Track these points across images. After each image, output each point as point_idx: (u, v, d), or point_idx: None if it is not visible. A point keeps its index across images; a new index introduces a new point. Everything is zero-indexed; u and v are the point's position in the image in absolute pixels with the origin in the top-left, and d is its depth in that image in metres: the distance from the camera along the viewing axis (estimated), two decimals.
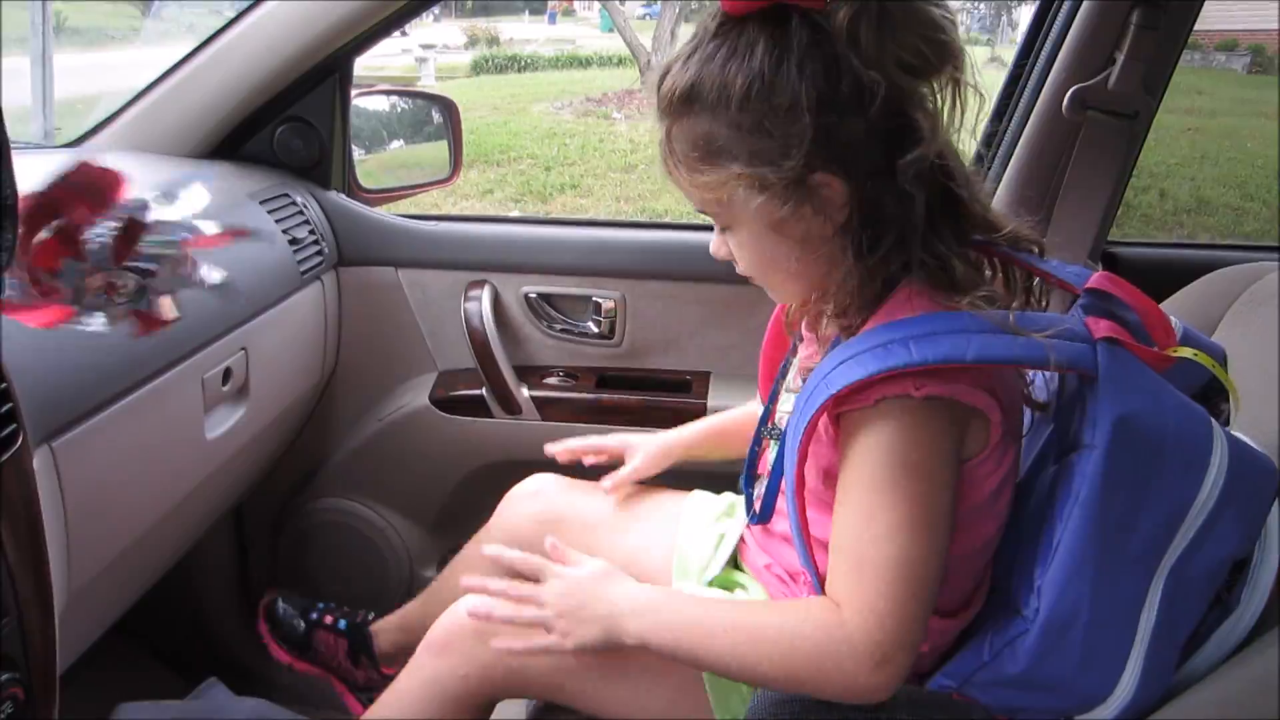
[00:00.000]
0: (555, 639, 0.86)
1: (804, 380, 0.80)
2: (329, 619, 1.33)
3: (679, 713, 0.90)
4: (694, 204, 0.82)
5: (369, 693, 1.32)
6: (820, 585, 0.78)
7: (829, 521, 0.77)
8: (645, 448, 1.14)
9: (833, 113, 0.73)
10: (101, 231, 0.62)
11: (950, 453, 0.75)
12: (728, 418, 1.17)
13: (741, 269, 0.84)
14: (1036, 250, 0.83)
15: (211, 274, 0.69)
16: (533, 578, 0.90)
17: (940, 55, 0.75)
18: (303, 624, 1.33)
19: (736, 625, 0.79)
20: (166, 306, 0.67)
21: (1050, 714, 0.78)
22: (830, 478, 0.79)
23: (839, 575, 0.75)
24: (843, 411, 0.75)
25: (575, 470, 1.18)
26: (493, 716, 1.00)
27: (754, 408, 1.15)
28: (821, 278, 0.80)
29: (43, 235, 0.60)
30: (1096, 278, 0.78)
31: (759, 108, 0.73)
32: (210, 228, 0.68)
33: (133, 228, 0.63)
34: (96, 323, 0.64)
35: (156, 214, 0.65)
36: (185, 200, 0.68)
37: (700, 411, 1.42)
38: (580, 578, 0.88)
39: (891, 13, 0.73)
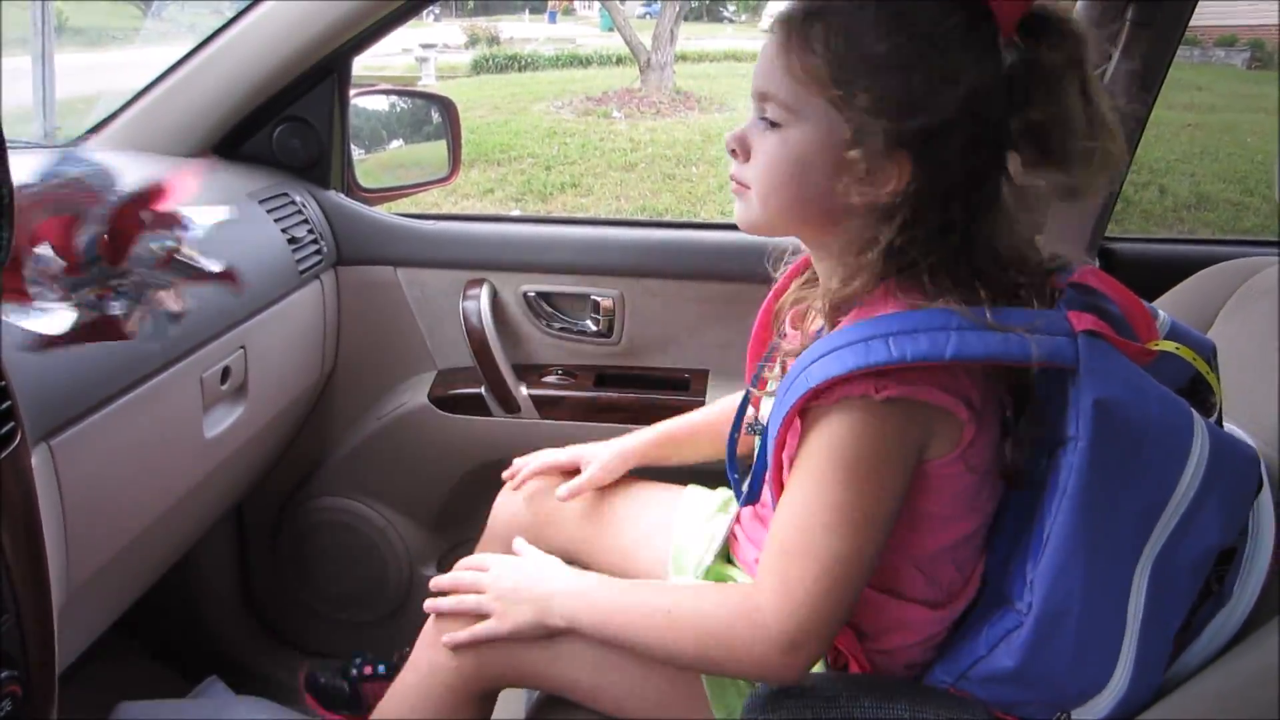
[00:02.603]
0: (493, 623, 0.89)
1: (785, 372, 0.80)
2: (369, 669, 1.36)
3: (676, 705, 0.90)
4: (764, 82, 0.78)
5: None
6: None
7: None
8: (600, 457, 1.14)
9: (961, 117, 0.73)
10: (90, 230, 0.62)
11: (903, 456, 0.75)
12: (683, 422, 1.17)
13: (752, 170, 0.81)
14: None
15: (211, 264, 0.69)
16: (478, 568, 0.94)
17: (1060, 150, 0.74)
18: (346, 683, 1.36)
19: (656, 608, 0.83)
20: (172, 299, 0.67)
21: (1046, 709, 0.78)
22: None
23: (766, 559, 0.78)
24: (808, 407, 0.75)
25: (571, 472, 1.17)
26: (497, 714, 1.00)
27: (708, 412, 1.16)
28: (814, 224, 0.81)
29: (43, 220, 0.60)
30: (1080, 272, 0.78)
31: (926, 55, 0.73)
32: (211, 214, 0.68)
33: (129, 228, 0.63)
34: (143, 325, 0.64)
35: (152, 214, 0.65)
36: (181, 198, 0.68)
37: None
38: (518, 563, 0.94)
39: (1088, 86, 0.74)
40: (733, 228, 0.85)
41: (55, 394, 0.84)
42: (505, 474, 1.19)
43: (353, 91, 1.49)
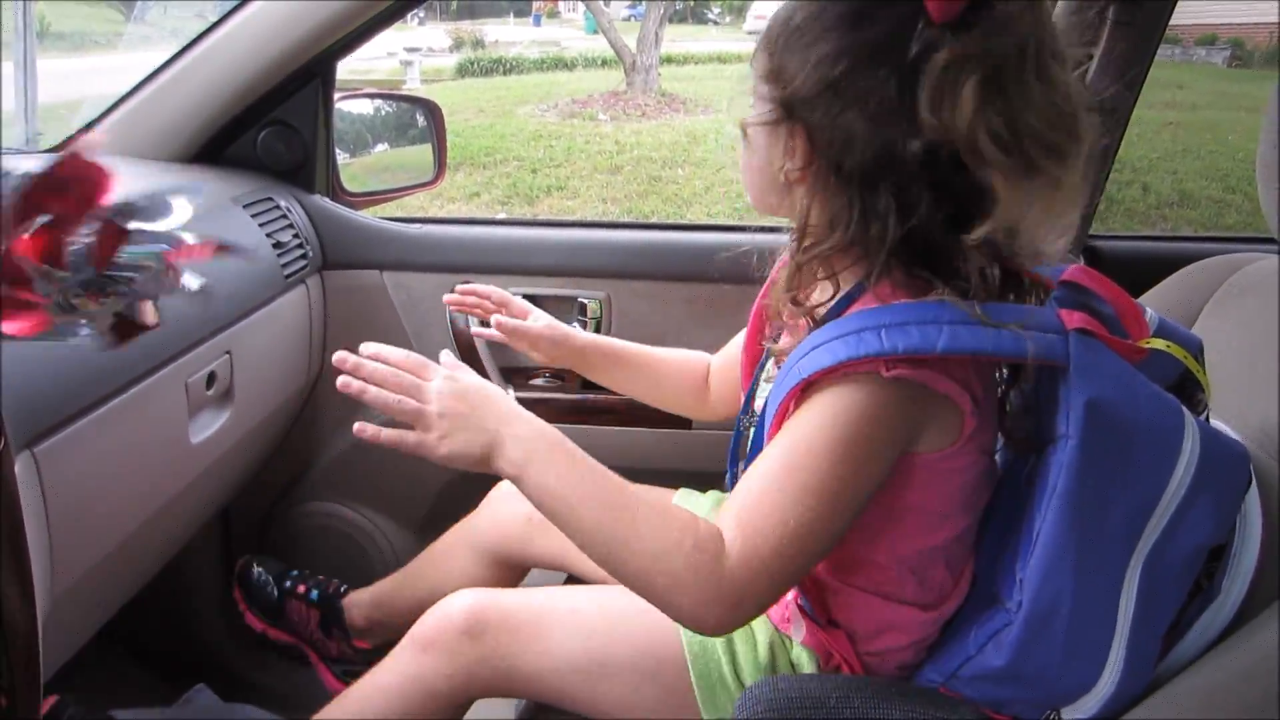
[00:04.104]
0: (430, 439, 0.78)
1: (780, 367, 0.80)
2: (301, 588, 1.33)
3: (666, 713, 0.90)
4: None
5: (341, 664, 1.32)
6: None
7: None
8: (546, 324, 1.12)
9: (852, 104, 0.72)
10: (81, 237, 0.61)
11: (893, 439, 0.75)
12: (632, 349, 1.16)
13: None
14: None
15: (191, 281, 0.68)
16: (415, 373, 0.82)
17: (1041, 153, 0.70)
18: (276, 591, 1.33)
19: (620, 509, 0.75)
20: (148, 312, 0.66)
21: (1036, 707, 0.78)
22: None
23: (739, 506, 0.74)
24: (810, 383, 0.75)
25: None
26: (486, 716, 0.99)
27: (659, 353, 1.16)
28: (771, 203, 0.82)
29: (22, 234, 0.59)
30: (1070, 271, 0.79)
31: (811, 32, 0.74)
32: (193, 238, 0.67)
33: (114, 234, 0.63)
34: (79, 331, 0.63)
35: (139, 223, 0.64)
36: (169, 211, 0.67)
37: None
38: (473, 384, 0.82)
39: (1007, 83, 0.69)
40: (719, 229, 0.86)
41: (39, 400, 0.83)
42: (460, 289, 1.16)
43: (337, 95, 1.49)
